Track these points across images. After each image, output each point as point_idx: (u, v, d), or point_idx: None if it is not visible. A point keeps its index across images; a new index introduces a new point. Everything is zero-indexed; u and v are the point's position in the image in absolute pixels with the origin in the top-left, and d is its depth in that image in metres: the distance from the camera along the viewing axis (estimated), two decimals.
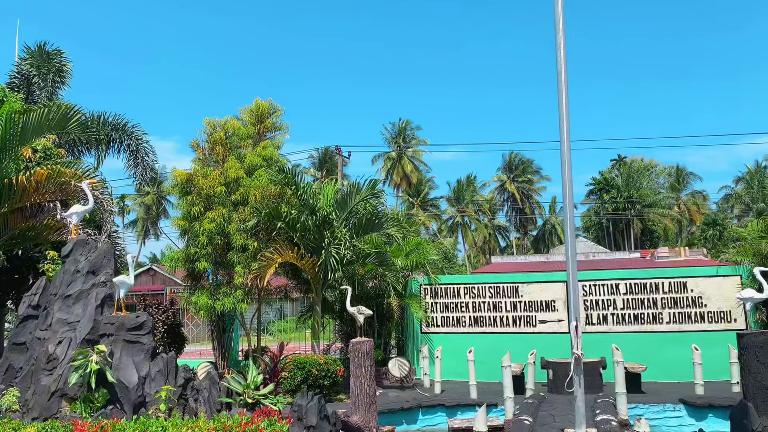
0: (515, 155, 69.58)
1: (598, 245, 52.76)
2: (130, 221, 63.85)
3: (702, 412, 11.68)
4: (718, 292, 15.56)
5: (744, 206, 59.62)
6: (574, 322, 5.41)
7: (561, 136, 5.99)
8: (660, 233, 63.87)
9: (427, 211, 63.06)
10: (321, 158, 60.93)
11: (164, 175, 36.13)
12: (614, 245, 62.00)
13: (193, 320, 27.30)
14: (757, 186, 57.16)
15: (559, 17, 5.98)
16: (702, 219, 62.52)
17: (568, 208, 5.83)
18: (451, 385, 14.83)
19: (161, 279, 40.15)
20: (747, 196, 58.92)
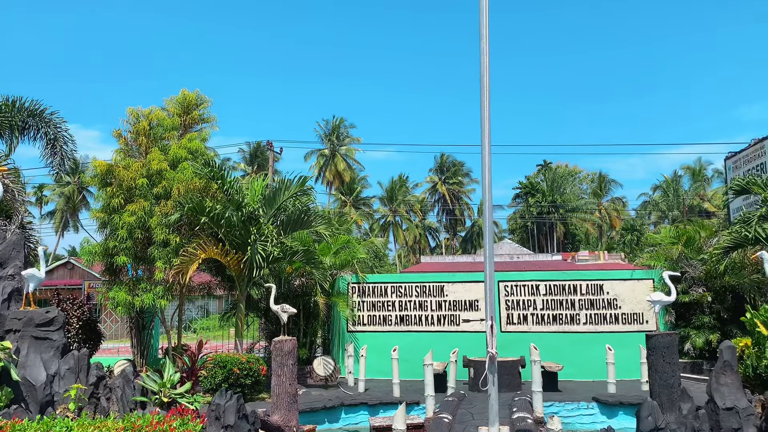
0: (447, 157, 70.64)
1: (523, 247, 54.20)
2: (48, 212, 60.89)
3: (613, 410, 12.16)
4: (632, 294, 16.26)
5: (660, 213, 62.66)
6: (490, 322, 5.52)
7: (482, 140, 6.09)
8: (581, 237, 66.30)
9: (360, 210, 63.09)
10: (252, 153, 60.00)
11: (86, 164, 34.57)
12: (538, 248, 63.91)
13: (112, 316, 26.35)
14: (673, 194, 60.24)
15: (483, 24, 6.08)
16: (621, 224, 65.30)
17: (487, 211, 5.93)
18: (376, 384, 14.88)
19: (80, 273, 38.46)
20: (663, 204, 61.98)
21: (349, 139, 64.47)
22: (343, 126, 64.23)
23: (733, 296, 15.64)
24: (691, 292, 15.71)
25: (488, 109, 6.06)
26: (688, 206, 55.14)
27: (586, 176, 71.89)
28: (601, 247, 58.98)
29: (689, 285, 15.86)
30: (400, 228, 66.51)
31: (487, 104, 6.07)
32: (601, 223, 67.07)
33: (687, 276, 15.95)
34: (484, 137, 6.05)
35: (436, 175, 71.47)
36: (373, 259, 32.66)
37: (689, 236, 16.66)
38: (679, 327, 15.84)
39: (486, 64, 6.12)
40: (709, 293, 15.57)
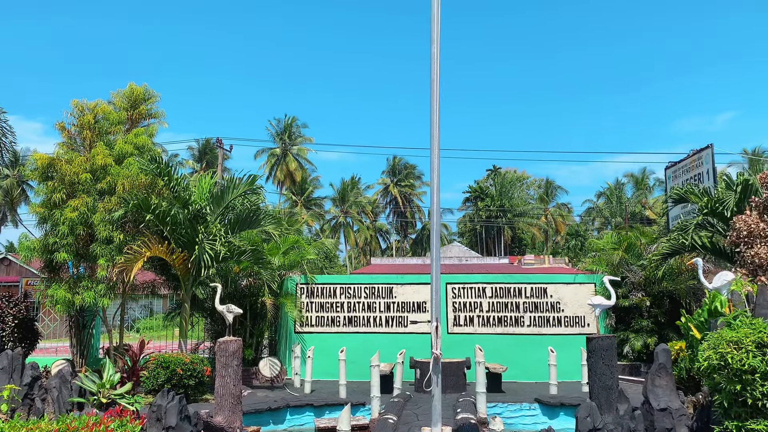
0: (399, 160, 71.03)
1: (471, 250, 54.95)
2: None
3: (554, 411, 12.44)
4: (575, 298, 16.68)
5: (604, 219, 64.52)
6: (435, 323, 5.58)
7: (431, 144, 6.15)
8: (528, 241, 67.62)
9: (311, 210, 62.78)
10: (201, 150, 58.99)
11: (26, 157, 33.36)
12: (486, 251, 64.89)
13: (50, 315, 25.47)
14: (616, 201, 62.10)
15: (435, 29, 6.16)
16: (566, 229, 66.91)
17: (435, 215, 6.00)
18: (322, 385, 14.83)
19: (17, 270, 37.04)
20: (607, 210, 63.87)
21: (301, 138, 64.09)
22: (296, 125, 63.83)
23: (670, 301, 16.22)
24: (630, 297, 16.22)
25: (437, 113, 6.13)
26: (630, 213, 56.89)
27: (534, 182, 73.42)
28: (546, 252, 60.32)
29: (629, 290, 16.37)
30: (352, 229, 66.52)
31: (437, 108, 6.14)
32: (546, 228, 68.58)
33: (627, 281, 16.46)
34: (434, 141, 6.12)
35: (389, 178, 71.77)
36: (323, 260, 32.58)
37: (630, 242, 17.20)
38: (618, 330, 16.32)
39: (436, 68, 6.20)
40: (648, 298, 16.10)
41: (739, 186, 12.93)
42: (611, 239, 18.25)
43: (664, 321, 15.97)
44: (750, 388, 6.66)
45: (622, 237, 18.13)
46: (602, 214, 65.17)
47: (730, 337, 6.94)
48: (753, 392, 6.64)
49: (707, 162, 18.91)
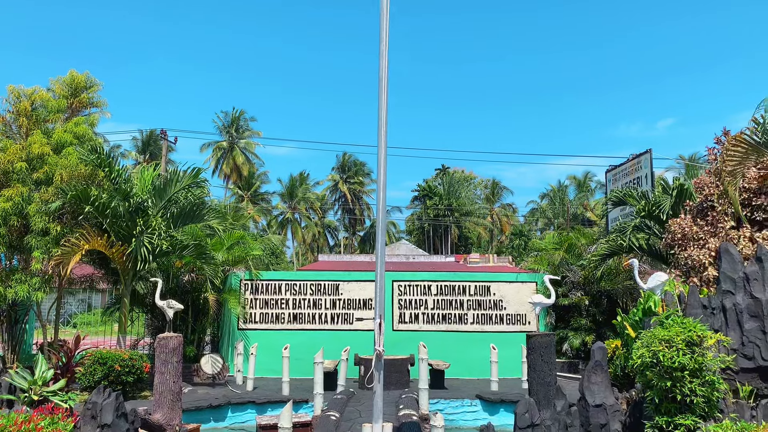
0: (349, 157, 70.90)
1: (419, 248, 55.35)
2: None
3: (495, 407, 12.68)
4: (517, 296, 17.01)
5: (547, 220, 66.02)
6: (378, 320, 5.61)
7: (378, 141, 6.16)
8: (474, 240, 68.61)
9: (258, 206, 62.01)
10: (145, 141, 57.50)
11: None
12: (433, 249, 65.49)
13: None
14: (559, 203, 63.61)
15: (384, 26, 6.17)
16: (511, 229, 68.17)
17: (381, 212, 6.02)
18: (266, 382, 14.71)
19: None
20: (550, 211, 65.39)
21: (249, 132, 63.20)
22: (243, 119, 62.88)
23: (608, 300, 16.73)
24: (570, 296, 16.65)
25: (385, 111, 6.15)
26: (572, 215, 58.40)
27: (481, 182, 74.48)
28: (491, 251, 61.35)
29: (569, 289, 16.81)
30: (299, 225, 66.04)
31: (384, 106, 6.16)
32: (492, 228, 69.72)
33: (567, 280, 16.89)
34: (381, 138, 6.14)
35: (338, 174, 71.56)
36: (269, 256, 32.24)
37: (570, 243, 17.67)
38: (558, 328, 16.74)
39: (385, 66, 6.21)
40: (587, 297, 16.57)
41: (674, 190, 13.41)
42: (553, 240, 18.71)
43: (601, 320, 16.46)
44: (679, 385, 6.94)
45: (563, 238, 18.60)
46: (545, 215, 66.69)
47: (662, 335, 7.20)
48: (682, 389, 6.91)
49: (646, 166, 19.58)
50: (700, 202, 12.29)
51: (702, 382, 6.94)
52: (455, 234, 67.27)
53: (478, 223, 67.50)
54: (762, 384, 7.73)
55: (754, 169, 11.48)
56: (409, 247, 51.93)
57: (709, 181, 12.09)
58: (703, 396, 6.92)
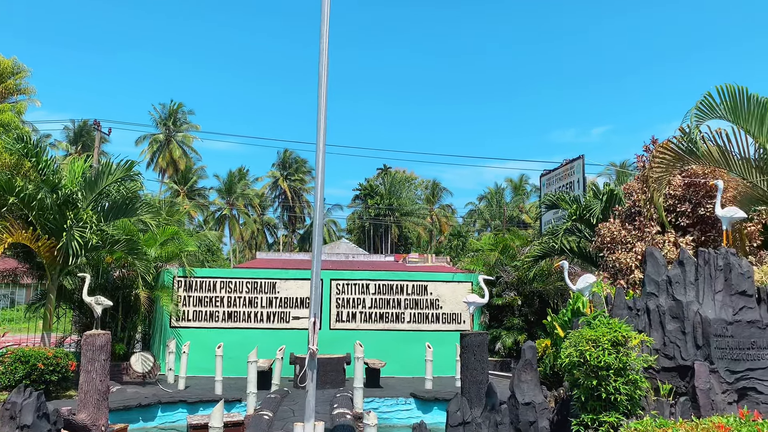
0: (290, 153, 70.25)
1: (359, 247, 55.41)
2: None
3: (428, 405, 12.82)
4: (453, 296, 17.25)
5: (484, 222, 67.26)
6: (313, 319, 5.59)
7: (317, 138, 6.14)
8: (414, 240, 69.21)
9: (194, 201, 60.64)
10: (77, 132, 55.35)
11: None
12: (374, 248, 65.69)
13: None
14: (496, 205, 64.91)
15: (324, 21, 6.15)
16: (449, 230, 69.08)
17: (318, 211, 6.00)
18: (198, 381, 14.42)
19: None
20: (487, 213, 66.63)
21: (187, 125, 61.73)
22: (182, 111, 61.34)
23: (540, 300, 17.18)
24: (504, 296, 17.02)
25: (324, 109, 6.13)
26: (508, 217, 59.69)
27: (421, 183, 75.19)
28: (430, 251, 62.00)
29: (503, 289, 17.18)
30: (237, 222, 64.99)
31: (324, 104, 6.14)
32: (431, 228, 70.48)
33: (501, 281, 17.25)
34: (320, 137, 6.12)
35: (279, 171, 70.79)
36: (204, 252, 31.64)
37: (505, 244, 18.06)
38: (492, 327, 17.08)
39: (325, 63, 6.19)
40: (520, 297, 16.97)
41: (604, 195, 13.90)
42: (489, 241, 19.08)
43: (533, 319, 16.89)
44: (605, 384, 7.19)
45: (498, 239, 19.00)
46: (483, 217, 67.92)
47: (590, 335, 7.44)
48: (607, 387, 7.16)
49: (578, 172, 20.22)
50: (629, 208, 12.78)
51: (626, 381, 7.21)
52: (395, 233, 67.68)
53: (418, 223, 68.12)
54: (681, 382, 8.09)
55: (679, 176, 12.02)
56: (349, 246, 51.92)
57: (637, 188, 12.58)
58: (627, 394, 7.20)
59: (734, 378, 7.84)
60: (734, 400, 7.83)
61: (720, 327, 7.97)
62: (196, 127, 61.92)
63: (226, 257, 57.05)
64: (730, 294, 8.16)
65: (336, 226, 74.15)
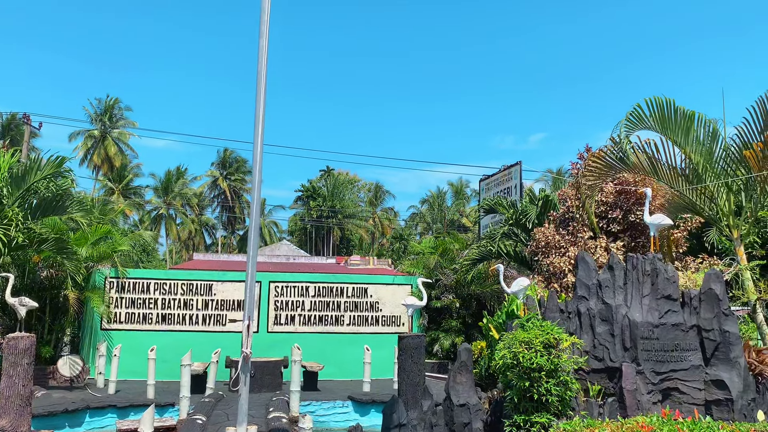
0: (231, 153, 69.02)
1: (300, 249, 54.98)
2: None
3: (366, 408, 12.83)
4: (393, 298, 17.32)
5: (426, 225, 67.91)
6: (247, 322, 5.51)
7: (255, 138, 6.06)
8: (356, 242, 69.21)
9: (129, 199, 58.82)
10: (5, 125, 52.85)
11: None
12: (315, 250, 65.33)
13: None
14: (437, 208, 65.64)
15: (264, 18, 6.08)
16: (392, 233, 69.40)
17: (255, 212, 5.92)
18: (130, 385, 14.00)
19: None
20: (429, 217, 67.32)
21: (124, 121, 59.79)
22: (118, 107, 59.35)
23: (477, 303, 17.46)
24: (442, 299, 17.21)
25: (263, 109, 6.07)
26: (449, 220, 60.49)
27: (364, 185, 75.27)
28: (372, 253, 62.11)
29: (441, 291, 17.37)
30: (174, 222, 63.41)
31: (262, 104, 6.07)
32: (374, 231, 70.64)
33: (441, 283, 17.45)
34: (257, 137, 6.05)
35: (218, 170, 69.47)
36: (139, 253, 30.76)
37: (445, 248, 18.28)
38: (430, 330, 17.25)
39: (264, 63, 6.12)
40: (458, 300, 17.20)
41: (540, 201, 14.27)
42: (429, 244, 19.27)
43: (471, 322, 17.15)
44: (537, 385, 7.36)
45: (438, 242, 19.21)
46: (425, 220, 68.56)
47: (523, 337, 7.61)
48: (539, 388, 7.34)
49: (516, 177, 20.69)
50: (563, 213, 13.14)
51: (557, 382, 7.41)
52: (338, 236, 67.49)
53: (361, 225, 68.15)
54: (609, 383, 8.37)
55: (611, 184, 12.45)
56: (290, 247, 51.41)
57: (571, 194, 12.96)
58: (558, 395, 7.39)
59: (659, 379, 8.17)
60: (659, 400, 8.16)
61: (646, 330, 8.29)
62: (133, 123, 60.08)
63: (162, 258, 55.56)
64: (656, 298, 8.49)
65: (277, 228, 73.35)
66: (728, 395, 7.94)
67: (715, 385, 8.07)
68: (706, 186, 10.68)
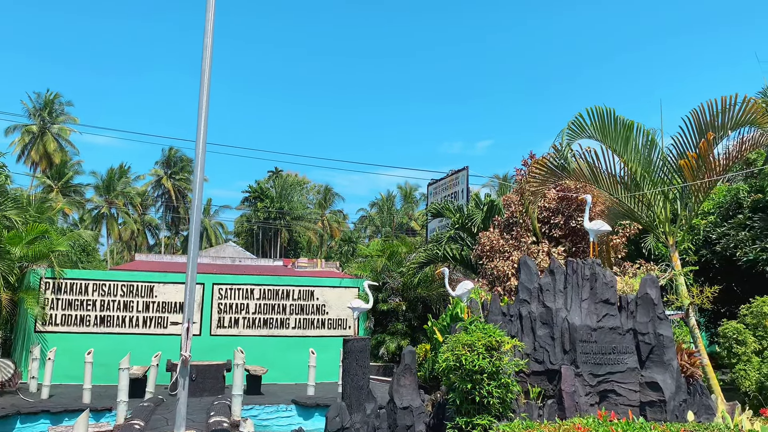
0: (176, 151, 67.52)
1: (247, 251, 54.24)
2: None
3: (310, 411, 12.73)
4: (339, 301, 17.27)
5: (375, 228, 67.99)
6: (186, 324, 5.38)
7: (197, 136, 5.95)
8: (304, 244, 68.73)
9: (69, 197, 56.86)
10: None
11: None
12: (262, 252, 64.57)
13: None
14: (387, 212, 65.87)
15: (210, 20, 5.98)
16: (340, 235, 69.20)
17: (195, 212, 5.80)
18: (65, 390, 13.54)
19: None
20: (378, 220, 67.44)
21: (65, 117, 57.79)
22: (59, 102, 57.33)
23: (423, 306, 17.59)
24: (389, 301, 17.27)
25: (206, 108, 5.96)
26: (398, 224, 60.73)
27: (313, 187, 74.86)
28: (320, 256, 61.79)
29: (388, 294, 17.43)
30: (116, 221, 61.60)
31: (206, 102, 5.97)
32: (322, 233, 70.29)
33: (387, 286, 17.50)
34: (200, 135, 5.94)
35: (162, 169, 67.87)
36: (79, 253, 29.83)
37: (393, 251, 18.36)
38: (376, 333, 17.27)
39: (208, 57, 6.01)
40: (405, 303, 17.29)
41: (485, 206, 14.48)
42: (377, 247, 19.32)
43: (417, 324, 17.26)
44: (479, 387, 7.44)
45: (386, 245, 19.28)
46: (374, 223, 68.63)
47: (466, 340, 7.69)
48: (481, 390, 7.42)
49: (462, 182, 20.93)
50: (507, 218, 13.37)
51: (498, 385, 7.51)
52: (285, 238, 66.89)
53: (309, 227, 67.73)
54: (549, 385, 8.53)
55: (553, 190, 12.73)
56: (236, 249, 50.61)
57: (515, 200, 13.20)
58: (499, 397, 7.50)
59: (596, 381, 8.37)
60: (596, 402, 8.37)
61: (585, 333, 8.49)
62: (74, 119, 58.07)
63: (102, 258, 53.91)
64: (595, 302, 8.72)
65: (223, 229, 72.17)
66: (662, 397, 8.20)
67: (649, 387, 8.33)
68: (644, 194, 11.03)
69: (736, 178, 14.77)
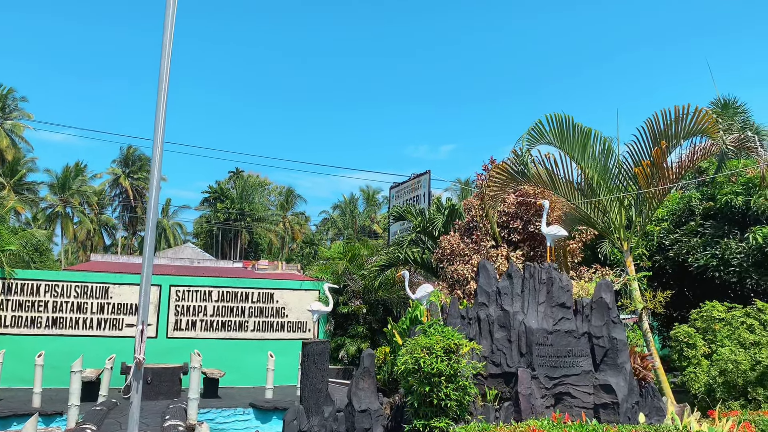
0: (134, 150, 66.21)
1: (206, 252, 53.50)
2: None
3: (268, 415, 12.62)
4: (300, 304, 17.16)
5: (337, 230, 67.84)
6: (140, 326, 5.28)
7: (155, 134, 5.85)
8: (265, 246, 68.14)
9: (22, 195, 55.21)
10: None
11: None
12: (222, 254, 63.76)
13: None
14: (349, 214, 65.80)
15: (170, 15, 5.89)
16: (302, 237, 68.86)
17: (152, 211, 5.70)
18: (14, 393, 13.16)
19: None
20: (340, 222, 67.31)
21: (18, 113, 56.16)
22: (12, 97, 55.69)
23: (384, 309, 17.62)
24: (350, 304, 17.24)
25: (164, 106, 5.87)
26: (360, 226, 60.73)
27: (275, 189, 74.31)
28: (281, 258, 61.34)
29: (349, 297, 17.40)
30: (71, 221, 60.08)
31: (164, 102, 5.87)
32: (284, 235, 69.81)
33: (348, 289, 17.48)
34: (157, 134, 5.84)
35: (120, 168, 66.48)
36: (31, 252, 28.99)
37: (354, 253, 18.35)
38: (337, 335, 17.23)
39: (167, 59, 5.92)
40: (365, 305, 17.29)
41: (447, 210, 14.60)
42: (338, 249, 19.29)
43: (377, 327, 17.28)
44: (437, 390, 7.49)
45: (347, 248, 19.26)
46: (336, 226, 68.47)
47: (425, 343, 7.73)
48: (439, 393, 7.47)
49: (424, 186, 21.07)
50: (468, 222, 13.51)
51: (456, 387, 7.57)
52: (246, 239, 66.21)
53: (270, 229, 67.18)
54: (506, 388, 8.64)
55: (513, 195, 12.91)
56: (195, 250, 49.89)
57: (476, 204, 13.34)
58: (457, 400, 7.56)
59: (552, 384, 8.51)
60: (552, 404, 8.51)
61: (541, 336, 8.63)
62: (28, 115, 56.44)
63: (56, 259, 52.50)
64: (551, 306, 8.86)
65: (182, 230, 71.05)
66: (615, 399, 8.38)
67: (603, 390, 8.51)
68: (600, 200, 11.28)
69: (689, 186, 15.21)
